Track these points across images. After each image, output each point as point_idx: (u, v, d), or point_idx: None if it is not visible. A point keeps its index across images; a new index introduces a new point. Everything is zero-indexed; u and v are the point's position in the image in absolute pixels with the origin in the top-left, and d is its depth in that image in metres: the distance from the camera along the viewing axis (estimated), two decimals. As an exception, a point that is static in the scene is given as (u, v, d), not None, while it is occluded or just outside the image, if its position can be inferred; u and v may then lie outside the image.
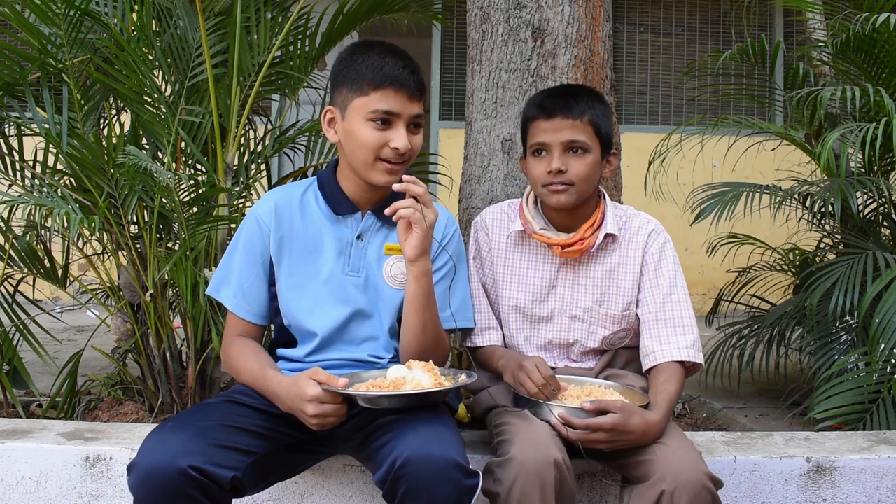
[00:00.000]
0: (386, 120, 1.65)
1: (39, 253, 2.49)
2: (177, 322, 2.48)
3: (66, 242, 2.50)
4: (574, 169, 1.81)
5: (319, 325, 1.73)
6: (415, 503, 1.40)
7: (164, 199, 2.26)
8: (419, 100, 1.69)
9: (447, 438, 1.46)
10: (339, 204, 1.75)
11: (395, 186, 1.61)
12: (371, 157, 1.66)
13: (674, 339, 1.83)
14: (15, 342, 2.44)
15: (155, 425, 1.58)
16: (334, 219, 1.76)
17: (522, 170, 1.98)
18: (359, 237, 1.75)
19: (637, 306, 1.90)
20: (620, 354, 1.95)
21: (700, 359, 1.84)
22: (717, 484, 1.56)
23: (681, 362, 1.82)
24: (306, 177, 2.66)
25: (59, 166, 2.44)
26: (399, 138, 1.65)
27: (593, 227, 1.87)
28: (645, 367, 1.86)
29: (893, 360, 2.37)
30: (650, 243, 1.90)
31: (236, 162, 2.49)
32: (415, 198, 1.60)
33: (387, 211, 1.62)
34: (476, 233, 1.99)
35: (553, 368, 1.92)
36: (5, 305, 2.47)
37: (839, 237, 2.93)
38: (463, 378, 1.59)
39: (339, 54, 1.75)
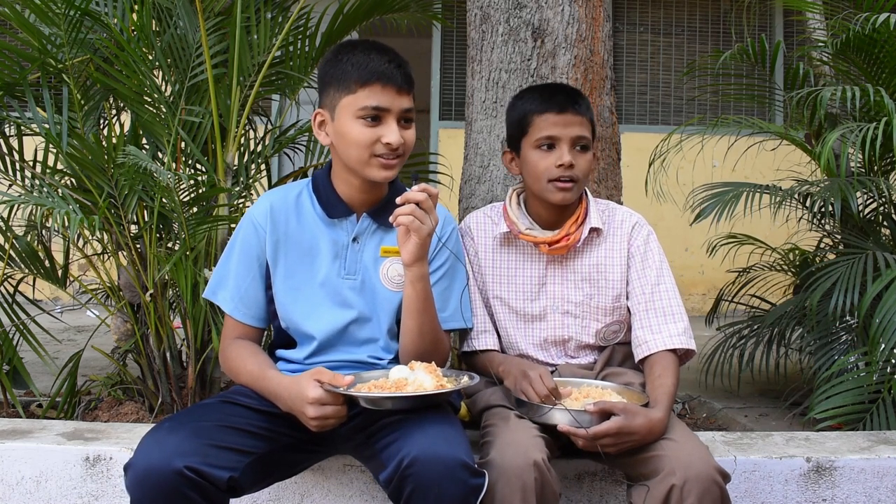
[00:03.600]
0: (376, 116, 1.64)
1: (39, 253, 2.49)
2: (177, 322, 2.48)
3: (66, 242, 2.50)
4: (580, 165, 1.85)
5: (317, 328, 1.73)
6: (421, 502, 1.40)
7: (164, 199, 2.26)
8: (408, 93, 1.68)
9: (454, 438, 1.46)
10: (333, 207, 1.75)
11: (399, 200, 1.59)
12: (365, 154, 1.65)
13: (665, 328, 1.85)
14: (15, 342, 2.44)
15: (154, 425, 1.58)
16: (329, 222, 1.75)
17: (507, 164, 1.97)
18: (354, 240, 1.75)
19: (627, 298, 1.92)
20: (617, 351, 1.96)
21: (692, 345, 1.85)
22: (726, 477, 1.57)
23: (673, 351, 1.83)
24: (306, 177, 2.66)
25: (59, 166, 2.45)
26: (391, 133, 1.64)
27: (577, 223, 1.90)
28: (638, 358, 1.87)
29: (893, 360, 2.37)
30: (634, 236, 1.93)
31: (236, 162, 2.49)
32: (417, 203, 1.58)
33: (391, 219, 1.61)
34: (462, 238, 1.99)
35: (553, 367, 1.93)
36: (5, 305, 2.47)
37: (839, 237, 2.93)
38: (465, 380, 1.60)
39: (324, 56, 1.74)
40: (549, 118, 1.85)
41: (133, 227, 2.44)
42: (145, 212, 2.42)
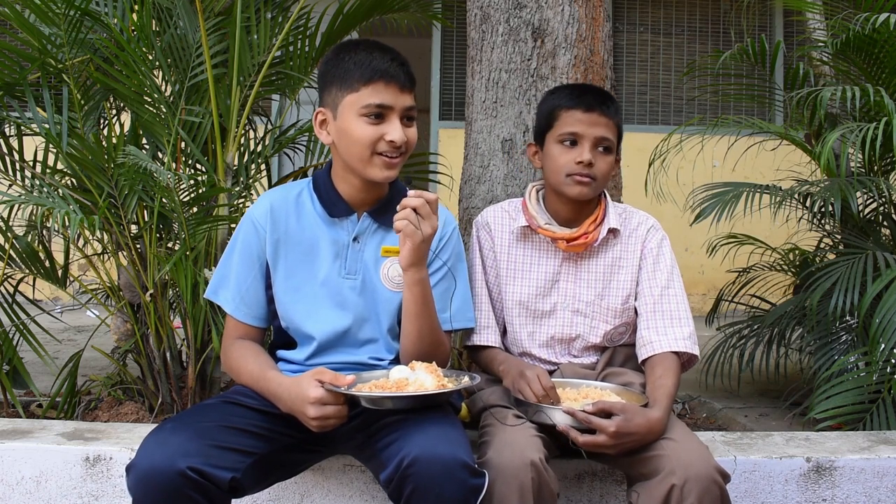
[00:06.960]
0: (379, 114, 1.65)
1: (39, 253, 2.49)
2: (177, 322, 2.48)
3: (66, 242, 2.50)
4: (599, 166, 1.87)
5: (317, 328, 1.73)
6: (422, 502, 1.40)
7: (164, 199, 2.26)
8: (410, 91, 1.69)
9: (454, 438, 1.46)
10: (334, 206, 1.75)
11: (399, 206, 1.60)
12: (367, 152, 1.66)
13: (671, 331, 1.86)
14: (15, 342, 2.44)
15: (155, 425, 1.58)
16: (329, 221, 1.75)
17: (530, 156, 2.00)
18: (355, 239, 1.75)
19: (635, 299, 1.93)
20: (619, 352, 1.96)
21: (696, 351, 1.87)
22: (725, 477, 1.57)
23: (677, 354, 1.84)
24: (306, 177, 2.66)
25: (59, 166, 2.44)
26: (394, 131, 1.65)
27: (596, 223, 1.92)
28: (641, 358, 1.88)
29: (893, 360, 2.37)
30: (649, 238, 1.95)
31: (236, 162, 2.49)
32: (414, 209, 1.58)
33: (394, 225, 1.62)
34: (477, 232, 2.01)
35: (556, 366, 1.93)
36: (5, 305, 2.47)
37: (839, 237, 2.93)
38: (466, 380, 1.59)
39: (324, 56, 1.75)
40: (576, 115, 1.87)
41: (133, 227, 2.44)
42: (145, 212, 2.42)
